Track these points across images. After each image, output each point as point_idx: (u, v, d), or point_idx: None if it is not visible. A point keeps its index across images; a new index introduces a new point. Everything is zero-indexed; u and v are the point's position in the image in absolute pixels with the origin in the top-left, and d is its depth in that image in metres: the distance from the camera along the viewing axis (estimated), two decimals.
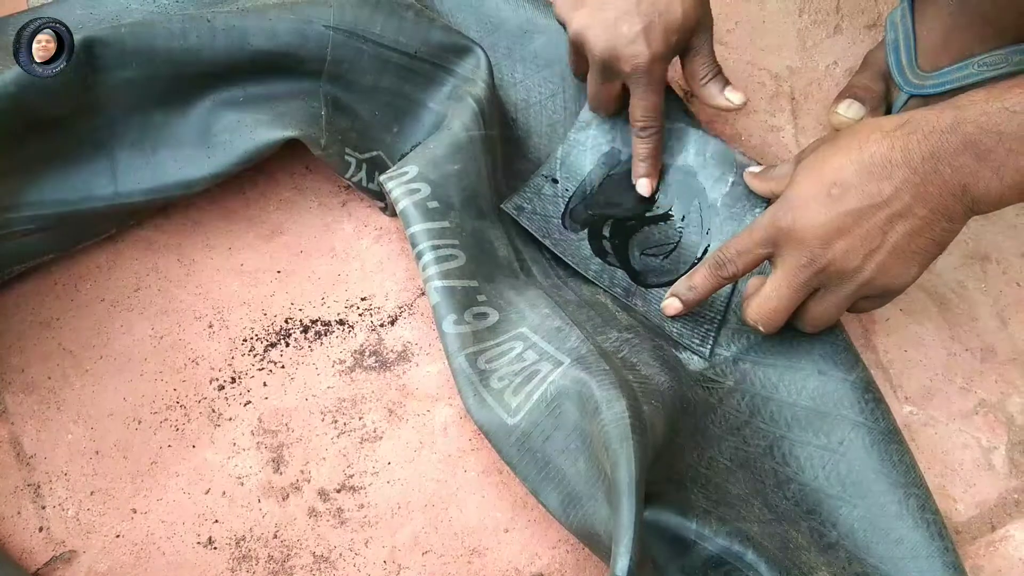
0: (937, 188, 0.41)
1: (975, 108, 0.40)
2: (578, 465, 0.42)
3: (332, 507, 0.47)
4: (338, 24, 0.53)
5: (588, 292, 0.53)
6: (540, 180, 0.57)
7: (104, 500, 0.46)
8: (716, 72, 0.53)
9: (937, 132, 0.41)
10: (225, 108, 0.53)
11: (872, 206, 0.43)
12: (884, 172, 0.42)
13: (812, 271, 0.45)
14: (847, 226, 0.43)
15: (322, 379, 0.51)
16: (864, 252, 0.44)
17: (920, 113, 0.42)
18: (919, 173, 0.41)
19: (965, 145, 0.40)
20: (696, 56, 0.53)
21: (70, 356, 0.50)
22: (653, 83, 0.52)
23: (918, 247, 0.43)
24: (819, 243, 0.44)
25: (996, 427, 0.54)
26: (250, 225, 0.56)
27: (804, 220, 0.44)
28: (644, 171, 0.56)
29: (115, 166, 0.51)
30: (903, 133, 0.42)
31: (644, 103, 0.53)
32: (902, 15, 0.62)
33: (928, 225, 0.43)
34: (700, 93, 0.54)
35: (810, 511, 0.47)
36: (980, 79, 0.60)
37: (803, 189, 0.45)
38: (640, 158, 0.56)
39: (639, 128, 0.54)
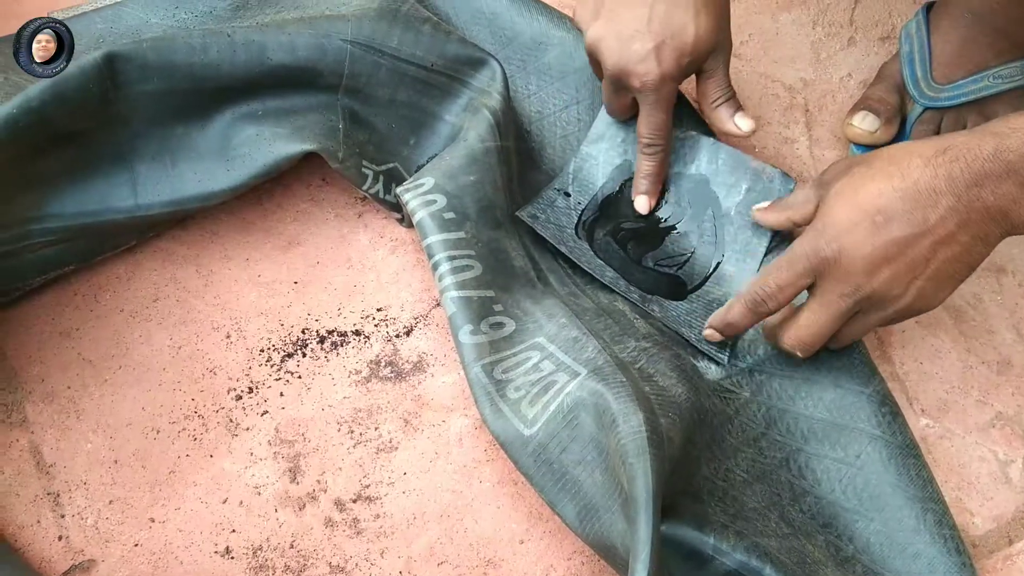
0: (979, 215, 0.42)
1: (1017, 137, 0.40)
2: (595, 477, 0.42)
3: (348, 517, 0.48)
4: (356, 38, 0.53)
5: (606, 300, 0.53)
6: (552, 193, 0.57)
7: (123, 509, 0.47)
8: (728, 96, 0.53)
9: (980, 160, 0.41)
10: (244, 121, 0.53)
11: (918, 234, 0.42)
12: (929, 200, 0.42)
13: (855, 300, 0.44)
14: (892, 255, 0.43)
15: (338, 389, 0.51)
16: (907, 280, 0.43)
17: (960, 139, 0.42)
18: (963, 201, 0.41)
19: (1008, 172, 0.40)
20: (710, 78, 0.53)
21: (89, 366, 0.51)
22: (661, 101, 0.52)
23: (955, 271, 0.44)
24: (864, 273, 0.43)
25: (1013, 440, 0.54)
26: (267, 236, 0.56)
27: (849, 249, 0.43)
28: (645, 188, 0.56)
29: (135, 179, 0.51)
30: (946, 160, 0.42)
31: (651, 120, 0.53)
32: (917, 27, 0.62)
33: (967, 251, 0.43)
34: (710, 116, 0.54)
35: (826, 524, 0.46)
36: (995, 91, 0.60)
37: (843, 216, 0.44)
38: (642, 175, 0.56)
39: (644, 145, 0.54)
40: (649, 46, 0.50)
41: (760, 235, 0.55)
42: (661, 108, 0.52)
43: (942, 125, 0.61)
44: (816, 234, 0.45)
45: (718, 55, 0.52)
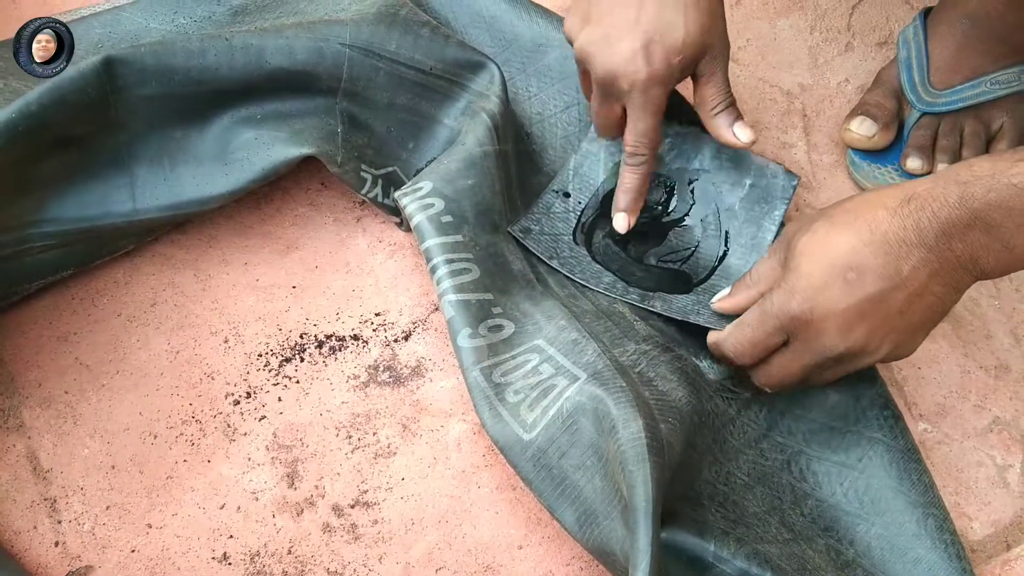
0: (951, 264, 0.41)
1: (980, 184, 0.40)
2: (594, 482, 0.42)
3: (346, 523, 0.48)
4: (354, 42, 0.53)
5: (606, 302, 0.53)
6: (551, 197, 0.57)
7: (120, 515, 0.47)
8: (728, 103, 0.51)
9: (947, 208, 0.40)
10: (243, 125, 0.53)
11: (892, 288, 0.42)
12: (901, 251, 0.41)
13: (828, 356, 0.44)
14: (867, 312, 0.42)
15: (336, 394, 0.51)
16: (881, 335, 0.43)
17: (923, 188, 0.42)
18: (934, 251, 0.41)
19: (974, 220, 0.40)
20: (707, 82, 0.50)
21: (87, 370, 0.50)
22: (649, 105, 0.49)
23: (928, 320, 0.44)
24: (838, 333, 0.43)
25: (1011, 445, 0.54)
26: (265, 241, 0.56)
27: (822, 309, 0.42)
28: (624, 204, 0.53)
29: (134, 183, 0.51)
30: (912, 210, 0.41)
31: (639, 126, 0.50)
32: (914, 32, 0.63)
33: (940, 299, 0.43)
34: (708, 124, 0.52)
35: (827, 528, 0.46)
36: (993, 97, 0.60)
37: (814, 275, 0.43)
38: (623, 188, 0.53)
39: (629, 153, 0.52)
40: (637, 45, 0.48)
41: (765, 229, 0.55)
42: (649, 112, 0.50)
43: (939, 130, 0.61)
44: (787, 295, 0.44)
45: (714, 57, 0.50)
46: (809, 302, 0.43)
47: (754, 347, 0.46)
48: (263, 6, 0.60)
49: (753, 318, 0.46)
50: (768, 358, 0.47)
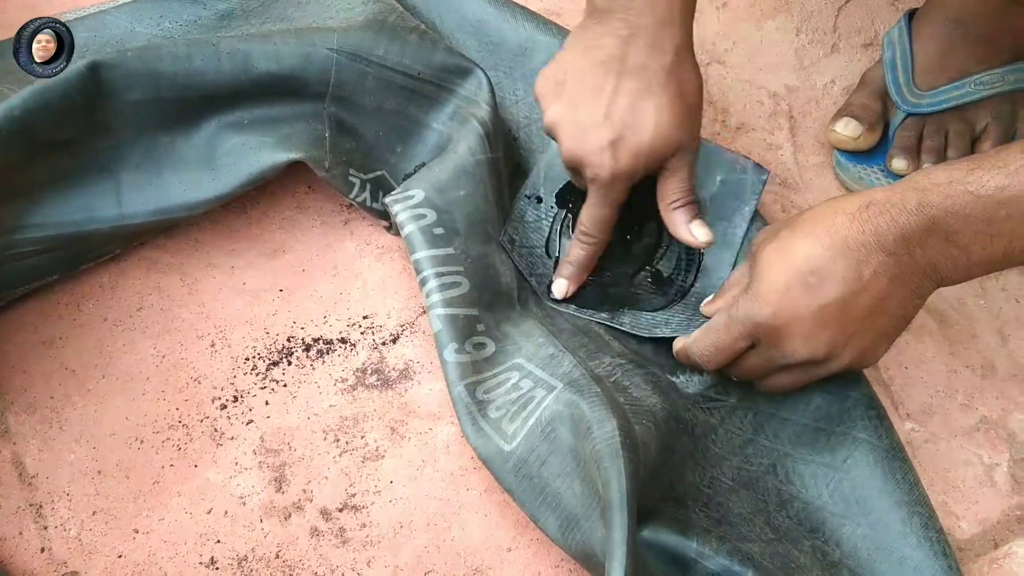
0: (910, 269, 0.42)
1: (938, 192, 0.40)
2: (574, 488, 0.43)
3: (334, 526, 0.47)
4: (342, 47, 0.53)
5: (582, 321, 0.53)
6: (523, 204, 0.56)
7: (106, 520, 0.46)
8: (687, 201, 0.50)
9: (905, 213, 0.41)
10: (229, 131, 0.53)
11: (853, 293, 0.42)
12: (861, 255, 0.41)
13: (792, 362, 0.44)
14: (829, 318, 0.42)
15: (324, 398, 0.51)
16: (844, 341, 0.43)
17: (881, 195, 0.42)
18: (893, 256, 0.41)
19: (932, 227, 0.40)
20: (670, 178, 0.49)
21: (72, 375, 0.50)
22: (609, 197, 0.49)
23: (891, 327, 0.44)
24: (801, 339, 0.43)
25: (998, 444, 0.54)
26: (252, 244, 0.56)
27: (784, 315, 0.43)
28: (568, 273, 0.52)
29: (120, 188, 0.51)
30: (871, 215, 0.41)
31: (594, 213, 0.50)
32: (899, 34, 0.63)
33: (902, 305, 0.43)
34: (665, 217, 0.50)
35: (813, 530, 0.47)
36: (977, 97, 0.60)
37: (776, 280, 0.43)
38: (570, 260, 0.52)
39: (581, 232, 0.51)
40: (605, 140, 0.47)
41: (736, 225, 0.55)
42: (607, 204, 0.49)
43: (924, 131, 0.62)
44: (750, 301, 0.44)
45: (682, 155, 0.49)
46: (771, 306, 0.43)
47: (719, 352, 0.46)
48: (249, 11, 0.60)
49: (719, 323, 0.46)
50: (735, 361, 0.47)
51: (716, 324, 0.47)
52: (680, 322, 0.52)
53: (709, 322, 0.48)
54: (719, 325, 0.46)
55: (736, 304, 0.45)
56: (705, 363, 0.48)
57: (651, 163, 0.48)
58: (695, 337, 0.48)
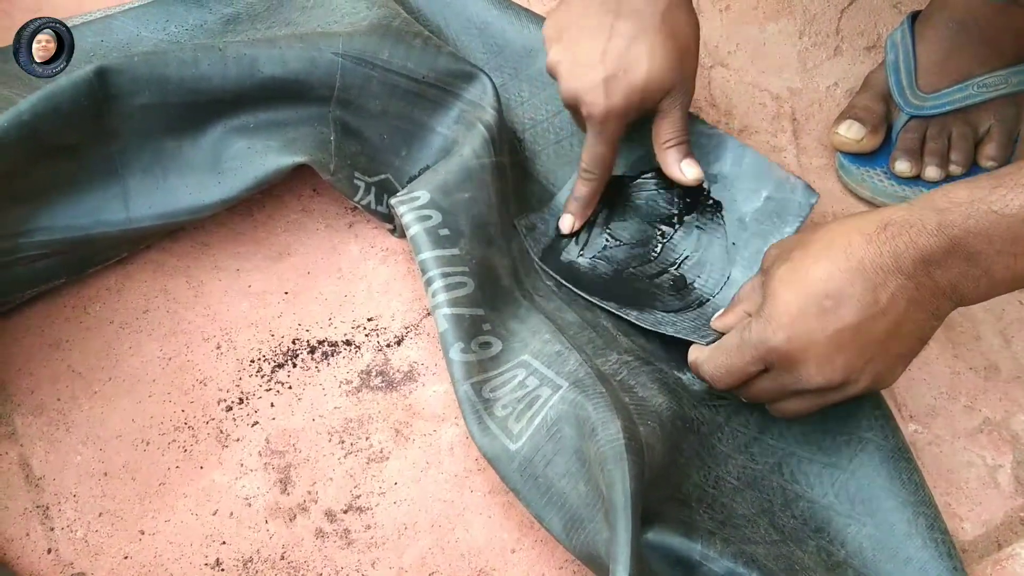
0: (930, 291, 0.40)
1: (959, 211, 0.39)
2: (579, 488, 0.43)
3: (339, 528, 0.48)
4: (347, 51, 0.54)
5: (590, 315, 0.53)
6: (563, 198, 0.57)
7: (112, 522, 0.47)
8: (680, 140, 0.52)
9: (924, 235, 0.39)
10: (235, 134, 0.53)
11: (870, 317, 0.40)
12: (878, 278, 0.40)
13: (807, 387, 0.43)
14: (845, 342, 0.41)
15: (329, 399, 0.51)
16: (861, 366, 0.42)
17: (899, 214, 0.41)
18: (912, 278, 0.40)
19: (953, 248, 0.39)
20: (663, 119, 0.52)
21: (79, 378, 0.50)
22: (604, 134, 0.51)
23: (908, 350, 0.43)
24: (816, 364, 0.42)
25: (1001, 445, 0.54)
26: (258, 247, 0.56)
27: (799, 340, 0.41)
28: (573, 209, 0.56)
29: (127, 192, 0.51)
30: (888, 236, 0.40)
31: (592, 150, 0.52)
32: (902, 36, 0.63)
33: (920, 327, 0.42)
34: (659, 155, 0.53)
35: (818, 529, 0.47)
36: (980, 100, 0.60)
37: (791, 304, 0.42)
38: (575, 196, 0.55)
39: (582, 170, 0.54)
40: (599, 77, 0.49)
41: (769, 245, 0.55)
42: (603, 141, 0.51)
43: (927, 133, 0.62)
44: (764, 324, 0.43)
45: (675, 97, 0.51)
46: (785, 331, 0.42)
47: (730, 374, 0.45)
48: (255, 16, 0.61)
49: (731, 345, 0.45)
50: (747, 383, 0.46)
51: (728, 345, 0.45)
52: (688, 327, 0.51)
53: (721, 342, 0.46)
54: (731, 347, 0.45)
55: (748, 327, 0.44)
56: (715, 383, 0.47)
57: (644, 102, 0.50)
58: (708, 355, 0.47)
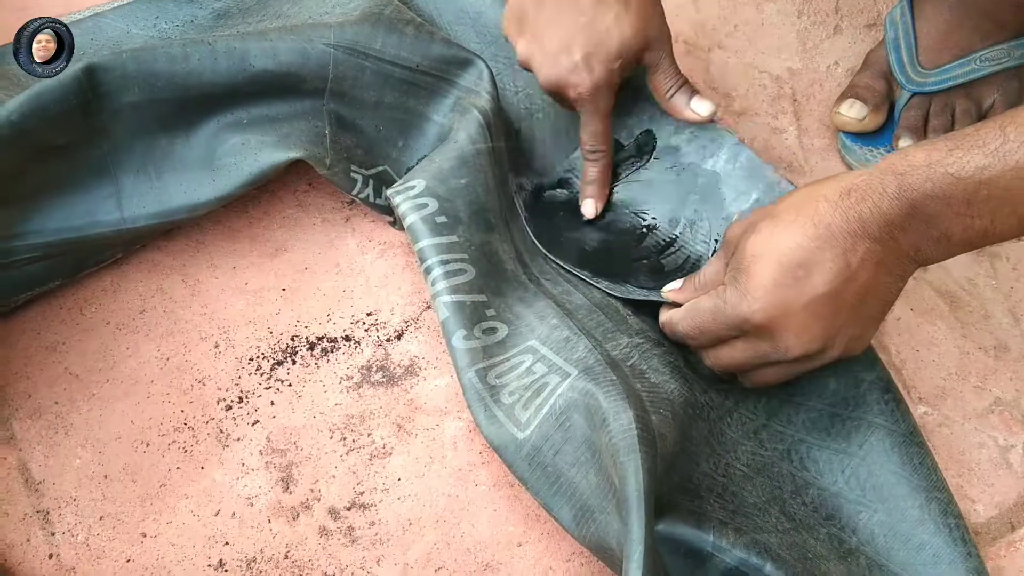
0: (894, 254, 0.41)
1: (917, 175, 0.39)
2: (589, 478, 0.42)
3: (343, 525, 0.47)
4: (339, 42, 0.53)
5: (599, 296, 0.52)
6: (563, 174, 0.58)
7: (114, 525, 0.46)
8: (680, 84, 0.53)
9: (886, 199, 0.40)
10: (229, 131, 0.53)
11: (843, 282, 0.41)
12: (847, 244, 0.41)
13: (785, 358, 0.44)
14: (821, 310, 0.42)
15: (329, 396, 0.51)
16: (835, 332, 0.43)
17: (860, 180, 0.41)
18: (879, 241, 0.41)
19: (914, 211, 0.40)
20: (656, 72, 0.53)
21: (76, 380, 0.50)
22: (599, 111, 0.52)
23: (878, 311, 0.44)
24: (794, 335, 0.42)
25: (1012, 425, 0.53)
26: (254, 244, 0.56)
27: (776, 311, 0.42)
28: (591, 192, 0.56)
29: (120, 192, 0.51)
30: (853, 202, 0.41)
31: (590, 129, 0.53)
32: (901, 13, 0.62)
33: (888, 290, 0.43)
34: (667, 108, 0.54)
35: (829, 516, 0.46)
36: (982, 74, 0.59)
37: (764, 275, 0.42)
38: (587, 180, 0.56)
39: (587, 151, 0.54)
40: (576, 58, 0.50)
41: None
42: (598, 118, 0.52)
43: (930, 110, 0.61)
44: (739, 296, 0.43)
45: (656, 49, 0.51)
46: (760, 302, 0.42)
47: (703, 335, 0.46)
48: (245, 9, 0.60)
49: (708, 307, 0.45)
50: (721, 353, 0.47)
51: (703, 308, 0.46)
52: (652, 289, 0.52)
53: (696, 303, 0.46)
54: (706, 310, 0.45)
55: (723, 295, 0.44)
56: (690, 342, 0.48)
57: (625, 67, 0.51)
58: (682, 313, 0.47)
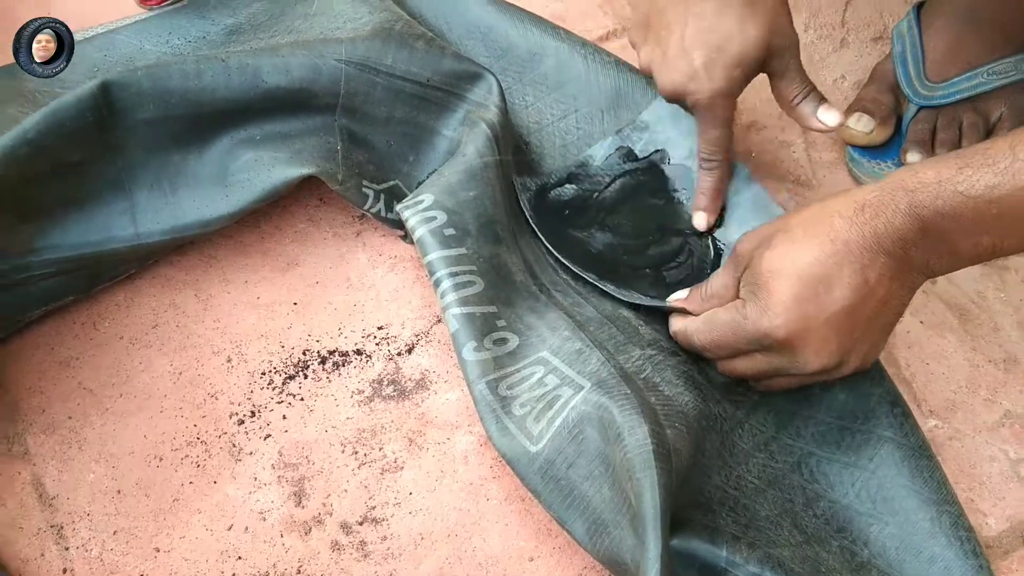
0: (907, 268, 0.42)
1: (927, 192, 0.40)
2: (603, 492, 0.42)
3: (355, 540, 0.47)
4: (350, 58, 0.54)
5: (610, 307, 0.52)
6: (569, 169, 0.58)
7: (127, 539, 0.46)
8: (808, 92, 0.51)
9: (899, 215, 0.40)
10: (242, 147, 0.53)
11: (861, 298, 0.42)
12: (864, 259, 0.41)
13: (804, 372, 0.44)
14: (841, 325, 0.42)
15: (341, 410, 0.51)
16: (851, 346, 0.43)
17: (872, 196, 0.42)
18: (893, 257, 0.41)
19: (925, 228, 0.40)
20: (781, 79, 0.51)
21: (90, 395, 0.50)
22: (717, 118, 0.51)
23: (890, 324, 0.45)
24: (814, 350, 0.43)
25: (1023, 438, 0.53)
26: (265, 258, 0.56)
27: (797, 327, 0.42)
28: (703, 204, 0.55)
29: (135, 207, 0.51)
30: (868, 218, 0.41)
31: (708, 136, 0.52)
32: (908, 26, 0.62)
33: (901, 303, 0.44)
34: (792, 115, 0.52)
35: (840, 529, 0.46)
36: (990, 87, 0.60)
37: (784, 291, 0.42)
38: (701, 191, 0.55)
39: (703, 159, 0.54)
40: (696, 64, 0.49)
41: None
42: (717, 124, 0.51)
43: (938, 123, 0.61)
44: (760, 312, 0.43)
45: (781, 56, 0.50)
46: (781, 317, 0.42)
47: (721, 348, 0.46)
48: (257, 25, 0.61)
49: (726, 321, 0.45)
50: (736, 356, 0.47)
51: (721, 321, 0.46)
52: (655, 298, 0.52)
53: (713, 315, 0.46)
54: (724, 323, 0.45)
55: (743, 311, 0.44)
56: (707, 354, 0.48)
57: (748, 72, 0.50)
58: (698, 327, 0.47)
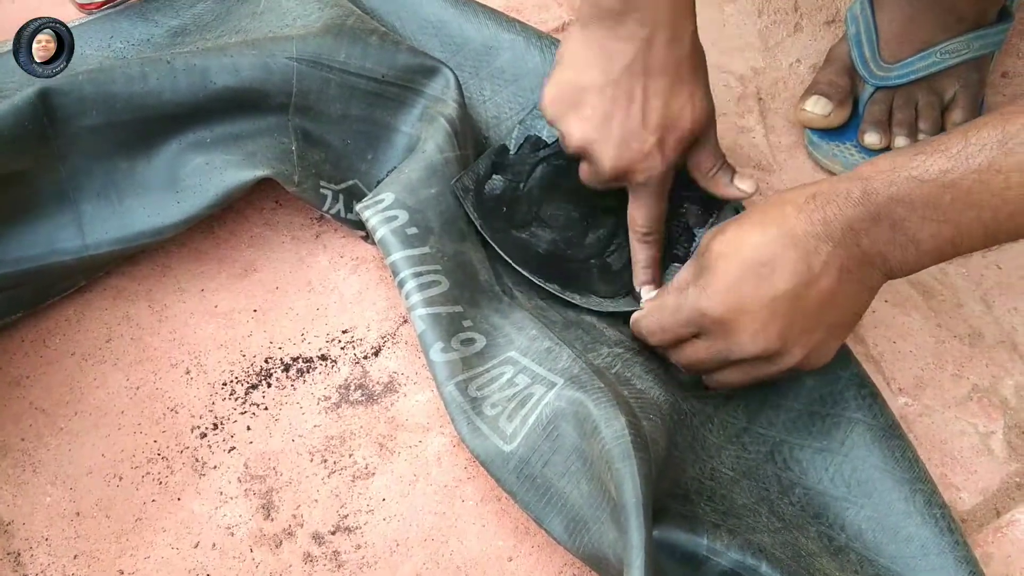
0: (858, 260, 0.41)
1: (882, 178, 0.40)
2: (581, 488, 0.42)
3: (328, 550, 0.46)
4: (301, 55, 0.52)
5: (573, 313, 0.52)
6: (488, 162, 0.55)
7: (89, 563, 0.45)
8: (722, 163, 0.51)
9: (851, 203, 0.40)
10: (192, 151, 0.52)
11: (804, 284, 0.41)
12: (809, 246, 0.41)
13: (742, 356, 0.44)
14: (780, 309, 0.42)
15: (308, 418, 0.50)
16: (795, 334, 0.43)
17: (827, 185, 0.42)
18: (842, 245, 0.41)
19: (878, 215, 0.40)
20: (702, 149, 0.50)
21: (43, 415, 0.48)
22: (662, 194, 0.50)
23: (842, 321, 0.44)
24: (751, 332, 0.42)
25: (991, 411, 0.54)
26: (222, 265, 0.54)
27: (735, 307, 0.42)
28: (649, 277, 0.53)
29: (81, 218, 0.50)
30: (818, 205, 0.41)
31: (650, 211, 0.50)
32: (861, 8, 0.63)
33: (853, 299, 0.43)
34: (708, 185, 0.51)
35: (817, 515, 0.46)
36: (944, 67, 0.60)
37: (727, 272, 0.42)
38: (643, 265, 0.52)
39: (642, 234, 0.51)
40: (650, 143, 0.48)
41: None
42: (660, 198, 0.50)
43: (894, 104, 0.62)
44: (700, 291, 0.43)
45: (708, 128, 0.50)
46: (721, 297, 0.42)
47: (664, 332, 0.47)
48: (203, 26, 0.59)
49: (669, 304, 0.46)
50: (683, 351, 0.47)
51: (665, 304, 0.46)
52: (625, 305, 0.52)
53: (660, 300, 0.47)
54: (667, 306, 0.46)
55: (686, 292, 0.45)
56: (649, 339, 0.48)
57: (689, 146, 0.50)
58: (646, 312, 0.48)
